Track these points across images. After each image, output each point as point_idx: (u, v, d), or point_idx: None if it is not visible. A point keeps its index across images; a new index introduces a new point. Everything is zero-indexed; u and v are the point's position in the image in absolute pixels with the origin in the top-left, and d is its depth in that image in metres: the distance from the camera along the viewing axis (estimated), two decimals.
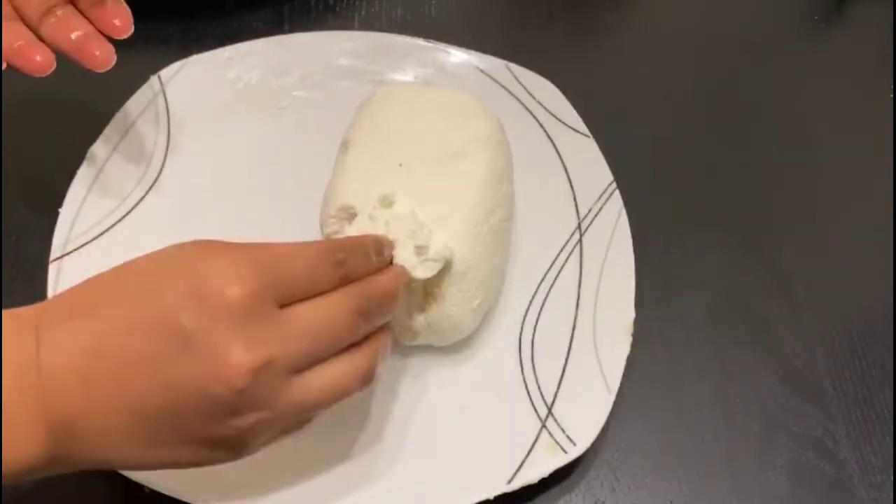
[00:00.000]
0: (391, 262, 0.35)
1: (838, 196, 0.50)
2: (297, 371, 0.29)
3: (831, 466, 0.41)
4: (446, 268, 0.37)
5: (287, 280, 0.29)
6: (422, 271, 0.36)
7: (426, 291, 0.38)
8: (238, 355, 0.27)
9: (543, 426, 0.38)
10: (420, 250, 0.35)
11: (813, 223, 0.49)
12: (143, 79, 0.47)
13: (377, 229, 0.36)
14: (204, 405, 0.27)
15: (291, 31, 0.51)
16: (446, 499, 0.36)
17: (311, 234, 0.41)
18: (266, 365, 0.28)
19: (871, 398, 0.43)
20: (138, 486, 0.35)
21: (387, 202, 0.38)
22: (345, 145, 0.42)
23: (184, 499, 0.35)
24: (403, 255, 0.35)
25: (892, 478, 0.41)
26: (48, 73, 0.37)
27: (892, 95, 0.54)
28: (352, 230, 0.38)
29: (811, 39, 0.57)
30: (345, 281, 0.31)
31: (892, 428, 0.42)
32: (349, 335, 0.31)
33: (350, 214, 0.38)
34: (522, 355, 0.41)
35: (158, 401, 0.27)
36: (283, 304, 0.29)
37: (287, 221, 0.43)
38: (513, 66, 0.50)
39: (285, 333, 0.29)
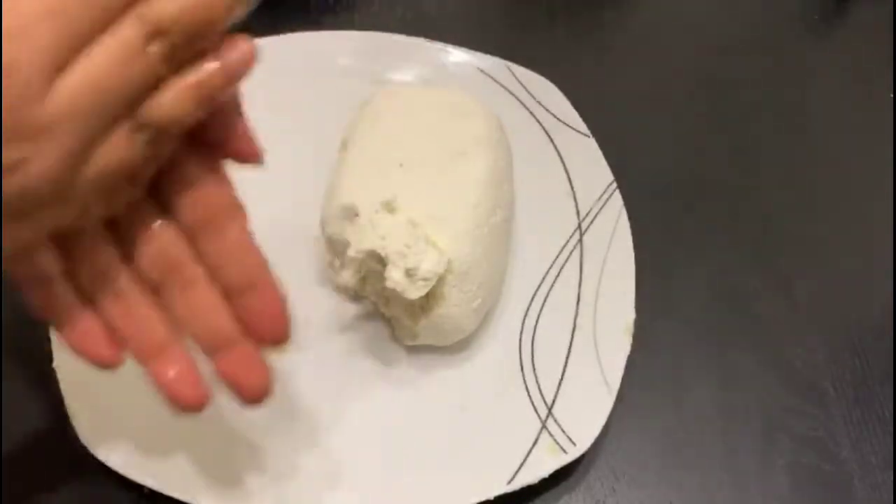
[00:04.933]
0: None
1: (838, 196, 0.50)
2: (58, 62, 0.22)
3: (832, 466, 0.41)
4: (447, 269, 0.37)
5: None
6: (413, 292, 0.36)
7: (427, 292, 0.38)
8: None
9: (543, 426, 0.38)
10: (410, 272, 0.36)
11: (813, 223, 0.49)
12: None
13: (377, 236, 0.36)
14: None
15: (291, 31, 0.51)
16: (446, 499, 0.36)
17: (312, 234, 0.41)
18: (9, 71, 0.21)
19: (871, 398, 0.43)
20: (138, 486, 0.35)
21: (390, 208, 0.38)
22: (345, 145, 0.42)
23: (183, 499, 0.35)
24: (395, 277, 0.36)
25: (892, 478, 0.41)
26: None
27: (892, 95, 0.54)
28: (352, 230, 0.38)
29: (811, 39, 0.57)
30: None
31: (892, 428, 0.42)
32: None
33: (351, 214, 0.38)
34: (522, 355, 0.41)
35: None
36: None
37: (286, 222, 0.42)
38: (513, 65, 0.49)
39: (17, 19, 0.21)
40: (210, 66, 0.24)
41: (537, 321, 0.42)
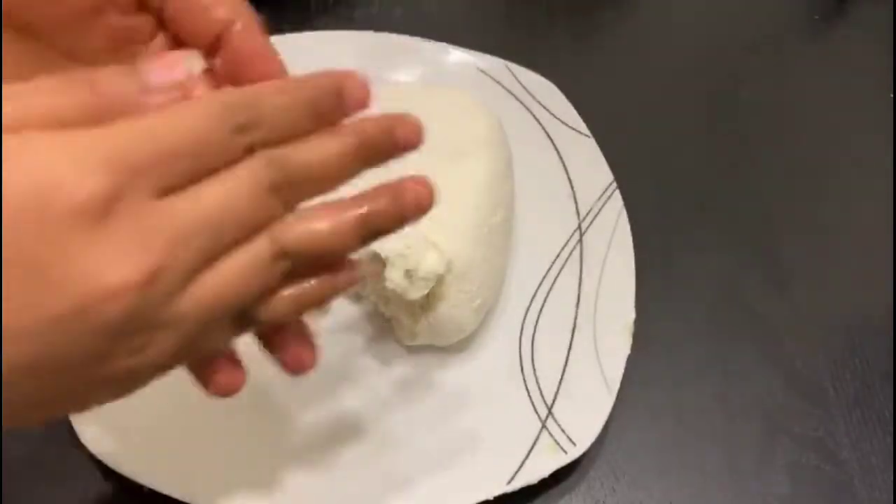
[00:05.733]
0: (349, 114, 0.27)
1: (838, 196, 0.50)
2: (195, 272, 0.23)
3: (832, 467, 0.41)
4: (447, 269, 0.37)
5: (159, 163, 0.22)
6: (413, 292, 0.36)
7: (427, 292, 0.38)
8: (114, 272, 0.21)
9: (543, 426, 0.38)
10: (410, 272, 0.36)
11: (813, 222, 0.49)
12: None
13: None
14: (85, 345, 0.21)
15: (291, 31, 0.51)
16: (446, 499, 0.36)
17: None
18: (154, 277, 0.21)
19: (871, 398, 0.43)
20: (138, 486, 0.35)
21: None
22: None
23: (184, 499, 0.35)
24: (394, 277, 0.36)
25: (892, 478, 0.41)
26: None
27: (892, 95, 0.54)
28: None
29: (811, 39, 0.57)
30: (253, 151, 0.24)
31: (892, 428, 0.42)
32: (260, 218, 0.24)
33: None
34: (522, 355, 0.41)
35: (23, 357, 0.21)
36: (164, 193, 0.22)
37: None
38: (513, 66, 0.50)
39: (171, 231, 0.22)
40: (316, 284, 0.26)
41: (537, 321, 0.42)
